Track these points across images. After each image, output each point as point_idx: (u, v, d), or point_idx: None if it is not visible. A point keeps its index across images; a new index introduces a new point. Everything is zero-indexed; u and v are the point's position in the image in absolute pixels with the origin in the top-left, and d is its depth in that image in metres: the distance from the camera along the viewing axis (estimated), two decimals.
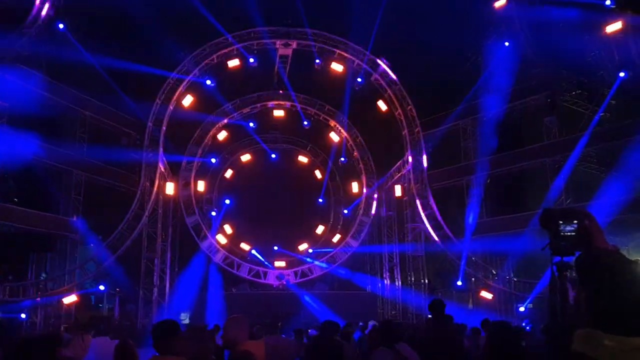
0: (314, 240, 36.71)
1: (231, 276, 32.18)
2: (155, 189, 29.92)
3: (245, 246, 35.08)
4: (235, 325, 6.06)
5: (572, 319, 2.10)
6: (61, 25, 27.26)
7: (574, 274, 2.22)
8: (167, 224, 31.41)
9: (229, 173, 37.40)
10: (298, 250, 35.64)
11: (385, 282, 34.01)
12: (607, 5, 27.95)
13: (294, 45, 32.10)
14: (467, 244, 29.80)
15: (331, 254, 33.78)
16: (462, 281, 30.00)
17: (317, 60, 32.10)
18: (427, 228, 30.80)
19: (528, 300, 27.61)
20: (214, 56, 31.76)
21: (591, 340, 1.84)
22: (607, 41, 28.30)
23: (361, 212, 34.80)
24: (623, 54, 27.89)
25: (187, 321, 28.53)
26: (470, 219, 30.24)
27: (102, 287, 31.49)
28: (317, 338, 8.44)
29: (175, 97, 31.23)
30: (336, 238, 35.91)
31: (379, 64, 32.46)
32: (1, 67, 24.45)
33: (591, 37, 28.92)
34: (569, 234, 2.69)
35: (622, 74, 27.21)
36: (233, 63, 31.93)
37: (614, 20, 27.56)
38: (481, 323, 9.88)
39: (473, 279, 30.16)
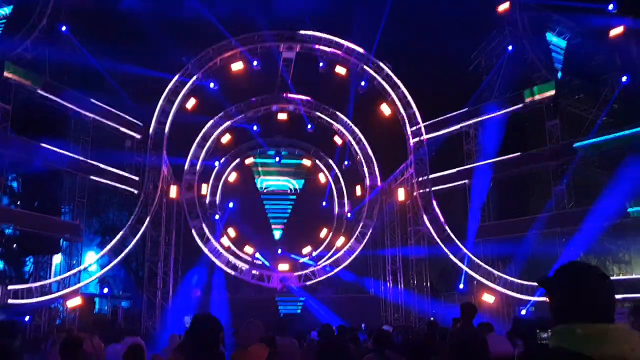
0: (317, 243, 36.74)
1: (234, 279, 32.15)
2: (158, 192, 29.97)
3: (248, 249, 35.11)
4: (247, 328, 6.46)
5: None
6: (64, 28, 27.31)
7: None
8: (170, 227, 31.39)
9: (232, 176, 37.47)
10: (302, 253, 35.65)
11: (389, 285, 34.01)
12: (610, 10, 28.01)
13: (298, 48, 32.20)
14: (470, 247, 29.83)
15: (335, 257, 33.77)
16: (464, 284, 30.01)
17: (321, 64, 32.15)
18: (429, 231, 30.84)
19: (530, 304, 27.60)
20: (218, 59, 31.85)
21: (566, 332, 2.23)
22: (609, 45, 28.36)
23: (364, 215, 34.79)
24: (625, 58, 27.94)
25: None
26: (473, 222, 30.26)
27: (105, 290, 31.61)
28: (323, 341, 8.50)
29: (178, 100, 31.33)
30: (340, 241, 35.92)
31: (382, 68, 32.53)
32: (4, 69, 24.50)
33: (594, 41, 29.00)
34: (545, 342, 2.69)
35: (624, 79, 27.26)
36: (237, 66, 31.99)
37: (617, 24, 27.63)
38: (477, 325, 9.84)
39: (475, 282, 30.12)
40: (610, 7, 28.03)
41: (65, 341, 6.59)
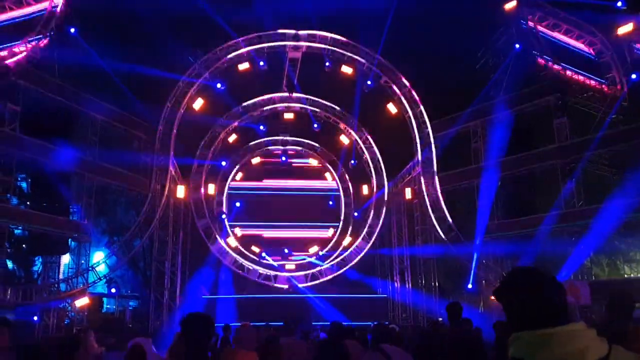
0: (324, 243, 36.65)
1: (241, 279, 32.14)
2: (166, 192, 30.01)
3: (255, 249, 35.08)
4: (239, 332, 6.61)
5: None
6: (72, 30, 27.35)
7: None
8: (177, 227, 31.46)
9: (239, 176, 37.45)
10: (308, 253, 35.58)
11: (396, 284, 33.94)
12: (619, 7, 27.87)
13: (304, 48, 32.16)
14: (478, 246, 29.69)
15: (342, 256, 33.70)
16: (472, 284, 29.87)
17: (327, 63, 32.10)
18: (437, 230, 30.74)
19: None
20: (224, 59, 31.88)
21: (517, 340, 2.27)
22: (618, 43, 28.21)
23: (371, 214, 34.69)
24: (635, 56, 27.79)
25: None
26: (481, 221, 30.12)
27: (113, 290, 31.64)
28: (324, 340, 8.47)
29: (185, 101, 31.39)
30: (347, 241, 35.82)
31: (388, 67, 32.44)
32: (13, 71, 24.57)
33: (603, 38, 28.85)
34: None
35: (633, 76, 27.09)
36: (243, 66, 32.02)
37: (626, 22, 27.49)
38: (493, 325, 9.84)
39: (484, 281, 30.00)
40: (619, 4, 27.92)
41: (62, 342, 6.59)
